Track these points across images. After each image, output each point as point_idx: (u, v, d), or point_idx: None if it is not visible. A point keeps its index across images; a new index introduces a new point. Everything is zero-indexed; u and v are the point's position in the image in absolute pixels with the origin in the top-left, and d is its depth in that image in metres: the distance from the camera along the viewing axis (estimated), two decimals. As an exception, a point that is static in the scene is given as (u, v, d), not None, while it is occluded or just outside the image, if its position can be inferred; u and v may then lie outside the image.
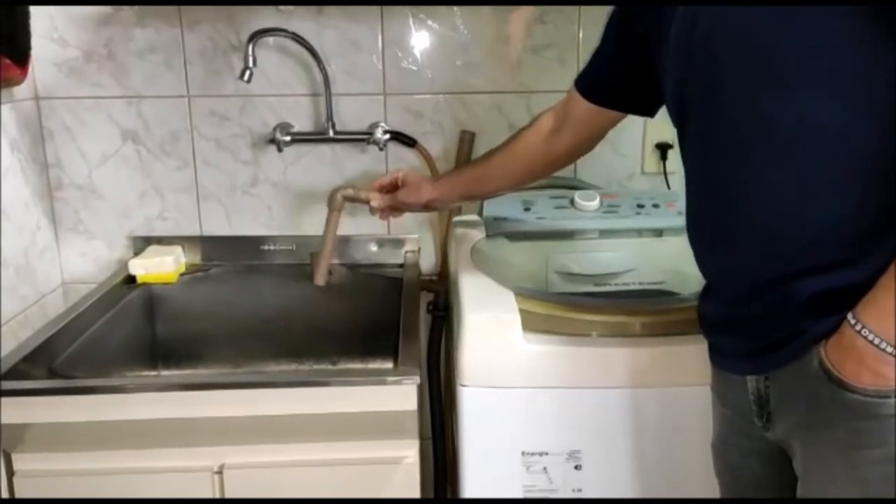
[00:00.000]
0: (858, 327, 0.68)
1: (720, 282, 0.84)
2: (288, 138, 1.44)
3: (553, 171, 1.16)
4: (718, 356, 0.88)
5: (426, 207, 1.25)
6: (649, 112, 1.01)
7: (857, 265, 0.71)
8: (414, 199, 1.23)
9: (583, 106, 1.04)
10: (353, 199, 1.27)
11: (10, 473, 1.04)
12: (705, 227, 0.84)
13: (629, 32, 0.94)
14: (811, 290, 0.73)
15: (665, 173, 1.50)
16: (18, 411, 1.01)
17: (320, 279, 1.28)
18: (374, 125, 1.46)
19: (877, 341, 0.67)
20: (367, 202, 1.25)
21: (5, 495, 1.04)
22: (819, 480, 0.75)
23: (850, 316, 0.69)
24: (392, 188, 1.25)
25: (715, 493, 0.99)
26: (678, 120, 0.85)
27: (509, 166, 1.16)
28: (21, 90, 1.37)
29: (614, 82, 1.00)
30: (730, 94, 0.75)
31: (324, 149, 1.48)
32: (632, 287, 1.32)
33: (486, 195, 1.27)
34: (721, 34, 0.75)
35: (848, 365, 0.70)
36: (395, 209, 1.26)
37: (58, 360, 1.14)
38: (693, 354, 0.98)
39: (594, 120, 1.05)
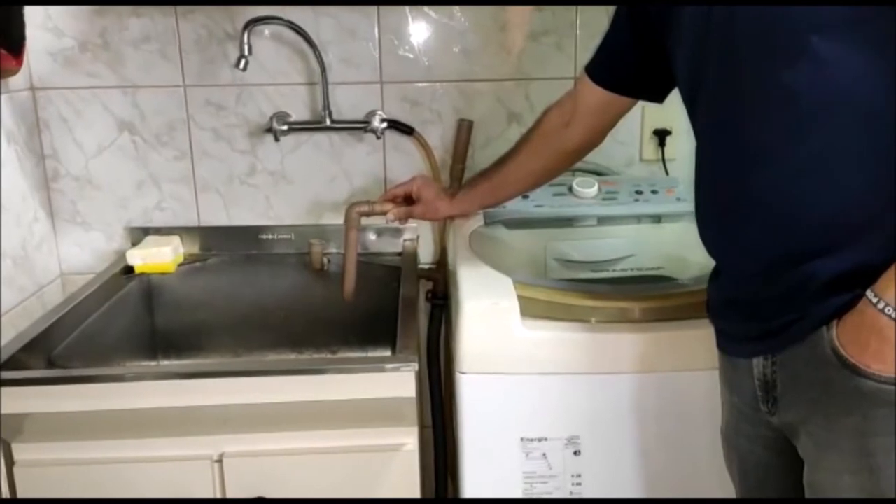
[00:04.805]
0: (882, 305, 0.67)
1: (730, 262, 0.83)
2: (285, 127, 1.44)
3: (567, 167, 1.17)
4: (725, 340, 0.87)
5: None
6: (660, 98, 1.01)
7: (867, 244, 0.70)
8: (431, 217, 1.30)
9: (595, 95, 1.03)
10: (368, 214, 1.27)
11: (10, 463, 1.04)
12: (717, 207, 0.82)
13: (641, 16, 0.93)
14: (825, 271, 0.72)
15: (663, 160, 1.50)
16: (18, 401, 1.02)
17: (348, 295, 1.28)
18: (372, 113, 1.45)
19: None
20: (382, 214, 1.26)
21: (5, 485, 1.04)
22: (831, 467, 0.74)
23: (870, 294, 0.68)
24: (406, 198, 1.27)
25: (715, 478, 0.99)
26: (690, 94, 0.84)
27: (523, 171, 1.16)
28: (16, 81, 1.36)
29: (628, 68, 0.99)
30: (750, 69, 0.74)
31: (321, 137, 1.48)
32: (630, 273, 1.32)
33: (503, 202, 1.27)
34: (743, 9, 0.73)
35: (871, 345, 0.68)
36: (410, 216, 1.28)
37: (57, 351, 1.15)
38: (692, 340, 0.99)
39: (606, 109, 1.05)
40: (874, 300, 0.68)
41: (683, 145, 1.48)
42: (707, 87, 0.80)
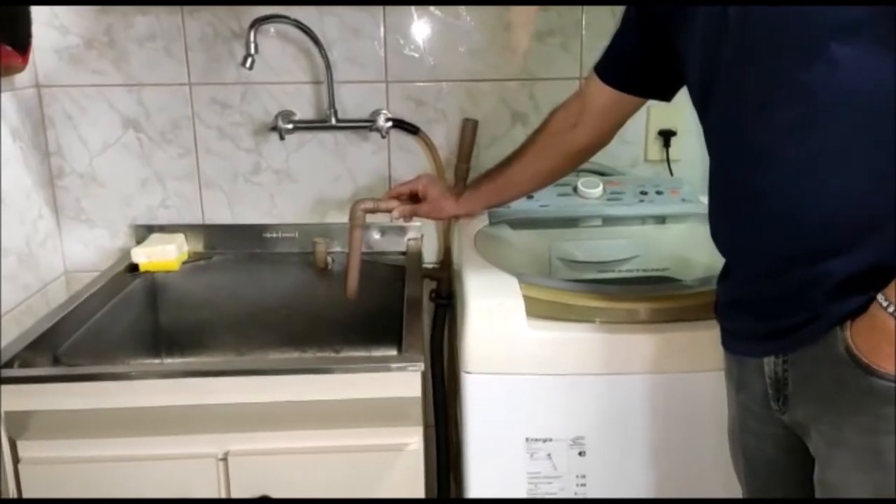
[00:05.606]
0: (892, 309, 0.67)
1: (738, 261, 0.83)
2: (290, 126, 1.44)
3: (574, 167, 1.17)
4: (733, 340, 0.87)
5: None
6: (668, 96, 1.01)
7: (877, 245, 0.70)
8: (436, 216, 1.31)
9: (604, 94, 1.03)
10: (373, 211, 1.27)
11: (16, 461, 1.05)
12: (725, 206, 0.83)
13: (649, 16, 0.93)
14: (836, 271, 0.72)
15: (668, 160, 1.50)
16: (23, 399, 1.02)
17: (351, 293, 1.28)
18: (377, 113, 1.45)
19: None
20: (387, 211, 1.26)
21: (11, 483, 1.05)
22: (842, 465, 0.74)
23: (881, 298, 0.68)
24: (411, 197, 1.27)
25: (718, 479, 0.99)
26: (701, 93, 0.84)
27: (529, 171, 1.16)
28: (22, 78, 1.36)
29: (637, 67, 0.99)
30: (760, 69, 0.74)
31: (326, 136, 1.48)
32: (635, 274, 1.32)
33: (508, 202, 1.27)
34: (758, 9, 0.73)
35: (883, 348, 0.69)
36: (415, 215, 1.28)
37: (61, 348, 1.15)
38: (698, 340, 0.99)
39: (614, 109, 1.05)
40: (884, 304, 0.68)
41: (688, 146, 1.48)
42: (718, 87, 0.80)
